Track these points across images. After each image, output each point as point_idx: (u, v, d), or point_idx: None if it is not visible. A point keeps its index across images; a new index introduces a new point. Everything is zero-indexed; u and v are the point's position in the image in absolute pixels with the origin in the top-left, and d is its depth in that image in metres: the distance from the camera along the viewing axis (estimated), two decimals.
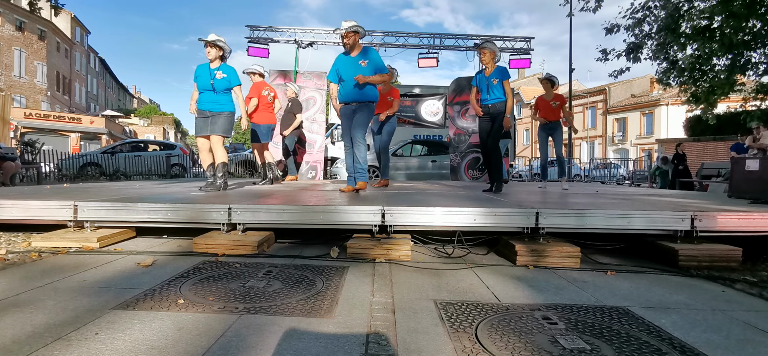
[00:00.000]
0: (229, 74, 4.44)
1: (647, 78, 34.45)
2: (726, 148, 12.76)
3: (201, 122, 4.48)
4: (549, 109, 6.18)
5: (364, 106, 4.34)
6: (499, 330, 1.57)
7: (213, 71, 4.41)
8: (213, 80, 4.39)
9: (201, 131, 4.49)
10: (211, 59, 4.43)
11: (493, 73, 4.80)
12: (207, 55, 4.43)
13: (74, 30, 36.68)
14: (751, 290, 2.22)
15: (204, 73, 4.45)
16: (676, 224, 2.87)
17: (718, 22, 9.68)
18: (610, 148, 34.81)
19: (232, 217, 2.92)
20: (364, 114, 4.35)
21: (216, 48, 4.41)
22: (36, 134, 20.00)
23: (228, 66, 4.49)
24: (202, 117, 4.46)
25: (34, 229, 3.28)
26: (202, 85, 4.45)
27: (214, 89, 4.40)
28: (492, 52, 4.82)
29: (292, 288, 2.03)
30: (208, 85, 4.40)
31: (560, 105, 6.19)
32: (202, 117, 4.46)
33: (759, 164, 4.03)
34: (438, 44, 10.72)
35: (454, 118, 9.58)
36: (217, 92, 4.42)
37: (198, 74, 4.48)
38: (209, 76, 4.40)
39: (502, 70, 4.84)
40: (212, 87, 4.40)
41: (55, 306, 1.74)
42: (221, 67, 4.44)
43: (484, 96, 4.84)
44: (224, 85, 4.44)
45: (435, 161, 10.15)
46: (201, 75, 4.45)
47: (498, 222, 2.90)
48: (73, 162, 11.97)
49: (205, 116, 4.45)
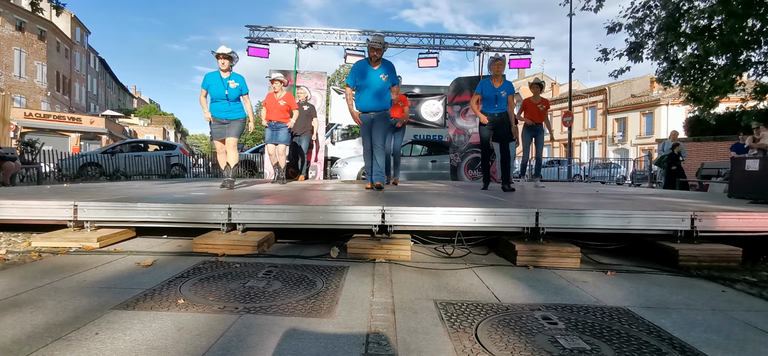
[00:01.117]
0: (241, 83, 4.80)
1: (647, 78, 34.46)
2: (726, 148, 12.75)
3: (218, 128, 4.88)
4: (536, 111, 6.57)
5: (382, 115, 4.74)
6: (499, 330, 1.57)
7: (226, 81, 4.73)
8: (227, 90, 4.73)
9: (219, 136, 4.91)
10: (223, 69, 4.73)
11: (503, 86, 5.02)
12: (220, 66, 4.72)
13: (74, 30, 36.68)
14: (751, 290, 2.22)
15: (217, 82, 4.75)
16: (676, 224, 2.87)
17: (717, 22, 9.68)
18: (610, 148, 34.82)
19: (232, 217, 2.92)
20: (383, 123, 4.76)
21: (228, 60, 4.72)
22: (36, 134, 20.00)
23: (238, 75, 4.81)
24: (220, 125, 4.87)
25: (34, 229, 3.28)
26: (216, 95, 4.77)
27: (229, 98, 4.74)
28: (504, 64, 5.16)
29: (292, 288, 2.03)
30: (222, 95, 4.74)
31: (546, 109, 6.62)
32: (219, 125, 4.87)
33: (759, 164, 4.03)
34: (438, 44, 10.71)
35: (454, 118, 9.58)
36: (231, 101, 4.77)
37: (210, 82, 4.76)
38: (223, 86, 4.73)
39: (511, 85, 5.13)
40: (226, 97, 4.74)
41: (55, 306, 1.74)
42: (232, 76, 4.76)
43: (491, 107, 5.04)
44: (237, 94, 4.79)
45: (435, 161, 10.15)
46: (214, 84, 4.75)
47: (498, 222, 2.89)
48: (73, 162, 11.97)
49: (222, 123, 4.86)
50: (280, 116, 6.12)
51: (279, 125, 6.14)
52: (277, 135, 6.16)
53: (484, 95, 5.08)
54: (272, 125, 6.19)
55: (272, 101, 6.24)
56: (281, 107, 6.14)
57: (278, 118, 6.13)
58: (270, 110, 6.20)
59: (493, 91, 5.04)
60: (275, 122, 6.15)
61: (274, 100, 6.23)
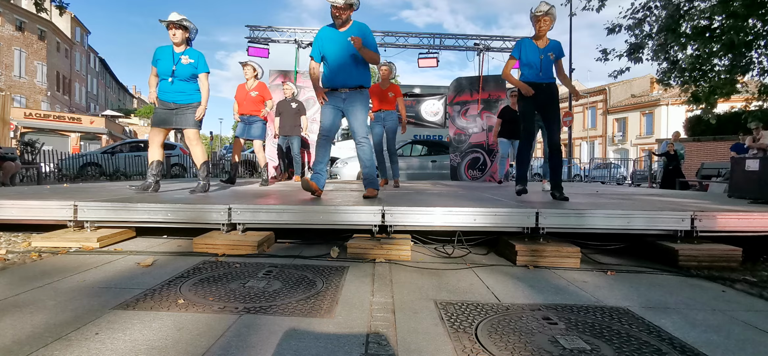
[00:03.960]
0: (197, 59, 3.90)
1: (647, 78, 34.47)
2: (726, 148, 12.76)
3: (162, 114, 3.90)
4: None
5: (357, 94, 3.66)
6: (499, 330, 1.57)
7: (178, 55, 3.85)
8: (176, 66, 3.82)
9: (161, 123, 3.91)
10: (176, 43, 3.86)
11: (550, 46, 3.79)
12: (171, 38, 3.84)
13: (74, 30, 36.69)
14: (751, 290, 2.22)
15: (166, 56, 3.86)
16: (676, 224, 2.87)
17: (718, 23, 9.68)
18: (610, 148, 34.84)
19: (232, 217, 2.92)
20: (359, 105, 3.66)
21: (181, 30, 3.83)
22: (36, 134, 20.01)
23: (195, 51, 3.95)
24: (165, 109, 3.89)
25: (34, 229, 3.28)
26: (162, 71, 3.86)
27: (177, 76, 3.85)
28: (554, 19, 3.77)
29: (292, 288, 2.03)
30: (169, 71, 3.84)
31: None
32: (164, 109, 3.90)
33: (759, 164, 4.03)
34: (438, 44, 10.72)
35: (454, 118, 9.58)
36: (180, 80, 3.87)
37: (158, 57, 3.89)
38: (172, 61, 3.83)
39: (560, 47, 3.82)
40: (173, 74, 3.83)
41: (55, 306, 1.74)
42: (187, 51, 3.89)
43: (535, 73, 3.74)
44: (190, 72, 3.88)
45: (435, 161, 10.16)
46: (162, 58, 3.87)
47: (498, 222, 2.90)
48: (73, 162, 11.98)
49: (168, 108, 3.89)
50: (253, 108, 5.49)
51: (252, 119, 5.49)
52: (249, 130, 5.51)
53: (524, 59, 3.77)
54: (245, 119, 5.53)
55: (243, 92, 5.55)
56: (254, 99, 5.50)
57: (251, 111, 5.49)
58: (241, 102, 5.54)
59: (537, 52, 3.74)
60: (248, 115, 5.50)
61: (246, 91, 5.54)
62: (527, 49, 3.78)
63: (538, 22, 3.75)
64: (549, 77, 3.78)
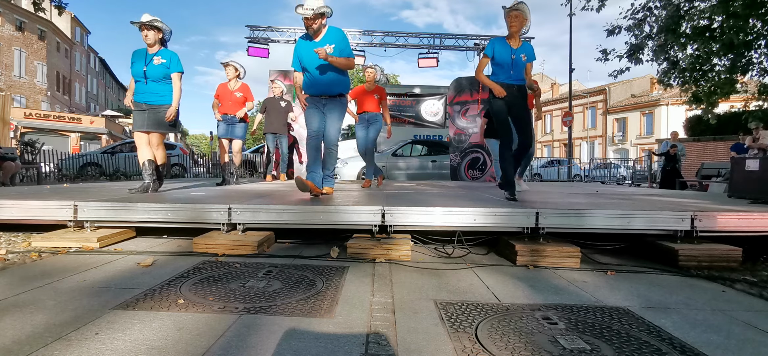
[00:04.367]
0: (169, 59, 3.91)
1: (647, 78, 34.49)
2: (726, 148, 12.76)
3: (138, 116, 3.96)
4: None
5: (336, 101, 3.77)
6: (499, 330, 1.57)
7: (150, 57, 3.87)
8: (147, 66, 3.84)
9: (138, 126, 3.96)
10: (149, 44, 3.89)
11: (522, 48, 3.73)
12: (144, 40, 3.87)
13: (74, 30, 36.68)
14: (751, 290, 2.22)
15: (139, 58, 3.91)
16: (676, 224, 2.87)
17: (718, 23, 9.69)
18: (610, 148, 34.84)
19: (232, 217, 2.92)
20: (336, 113, 3.79)
21: (154, 30, 3.85)
22: (36, 134, 20.01)
23: (168, 51, 3.97)
24: (139, 111, 3.95)
25: (34, 229, 3.28)
26: (135, 72, 3.90)
27: (148, 77, 3.86)
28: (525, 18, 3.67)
29: (292, 288, 2.03)
30: (141, 73, 3.88)
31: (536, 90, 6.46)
32: (138, 111, 3.95)
33: (759, 164, 4.03)
34: (438, 44, 10.73)
35: (454, 118, 9.58)
36: (152, 81, 3.88)
37: (133, 59, 3.93)
38: (144, 62, 3.87)
39: (531, 49, 3.80)
40: (144, 75, 3.86)
41: (55, 306, 1.74)
42: (160, 52, 3.91)
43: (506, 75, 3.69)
44: (161, 73, 3.89)
45: (435, 161, 10.16)
46: (136, 60, 3.91)
47: (498, 222, 2.90)
48: (73, 162, 11.98)
49: (141, 108, 3.93)
50: (236, 109, 5.49)
51: (235, 119, 5.51)
52: (233, 130, 5.52)
53: (497, 58, 3.68)
54: (227, 119, 5.52)
55: (226, 92, 5.51)
56: (237, 100, 5.49)
57: (233, 111, 5.48)
58: (224, 101, 5.50)
59: (509, 52, 3.65)
60: (231, 115, 5.50)
61: (228, 91, 5.51)
62: (500, 48, 3.70)
63: (508, 18, 3.70)
64: (520, 78, 3.73)
